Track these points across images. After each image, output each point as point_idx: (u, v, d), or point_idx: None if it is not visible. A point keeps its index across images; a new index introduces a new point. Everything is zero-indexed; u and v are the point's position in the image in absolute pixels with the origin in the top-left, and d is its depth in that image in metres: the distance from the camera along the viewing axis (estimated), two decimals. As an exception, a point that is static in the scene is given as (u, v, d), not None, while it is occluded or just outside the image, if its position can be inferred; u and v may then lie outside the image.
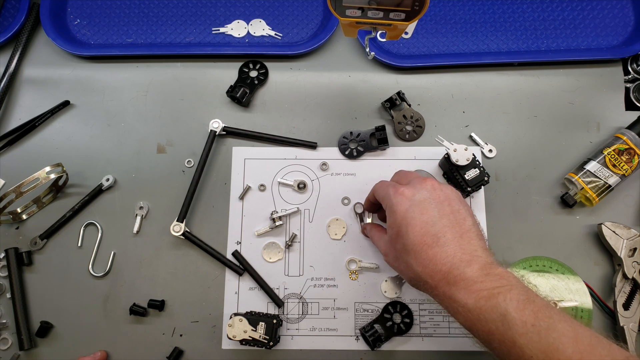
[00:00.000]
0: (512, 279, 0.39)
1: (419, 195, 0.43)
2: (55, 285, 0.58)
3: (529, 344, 0.34)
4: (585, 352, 0.33)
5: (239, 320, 0.52)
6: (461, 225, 0.42)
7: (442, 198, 0.43)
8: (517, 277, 0.40)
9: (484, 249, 0.42)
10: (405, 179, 0.48)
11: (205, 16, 0.67)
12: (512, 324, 0.35)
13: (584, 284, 0.53)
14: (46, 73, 0.65)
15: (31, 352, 0.56)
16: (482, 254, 0.41)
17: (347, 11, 0.43)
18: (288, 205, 0.60)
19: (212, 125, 0.61)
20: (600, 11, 0.66)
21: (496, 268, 0.40)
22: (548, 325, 0.34)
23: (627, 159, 0.58)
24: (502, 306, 0.36)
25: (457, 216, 0.43)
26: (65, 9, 0.67)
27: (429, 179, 0.45)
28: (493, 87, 0.64)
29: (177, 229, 0.57)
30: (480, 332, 0.38)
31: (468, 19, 0.66)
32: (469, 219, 0.43)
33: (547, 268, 0.54)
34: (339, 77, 0.65)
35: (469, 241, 0.41)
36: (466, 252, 0.40)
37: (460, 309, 0.39)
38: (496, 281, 0.38)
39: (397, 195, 0.44)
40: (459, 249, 0.40)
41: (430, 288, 0.42)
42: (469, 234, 0.42)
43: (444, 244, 0.41)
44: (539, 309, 0.36)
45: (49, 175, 0.56)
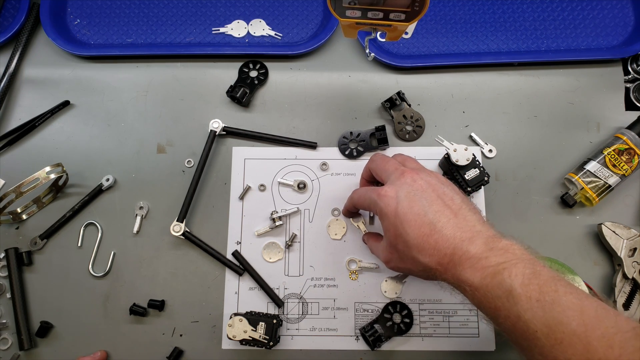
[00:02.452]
0: (517, 251, 0.38)
1: (402, 190, 0.43)
2: (55, 285, 0.58)
3: (534, 318, 0.34)
4: (590, 325, 0.33)
5: (239, 320, 0.52)
6: (451, 206, 0.42)
7: (424, 186, 0.44)
8: (523, 248, 0.39)
9: (481, 223, 0.42)
10: (383, 173, 0.48)
11: (205, 16, 0.67)
12: (517, 299, 0.35)
13: (584, 284, 0.53)
14: (46, 73, 0.65)
15: (31, 352, 0.56)
16: (482, 227, 0.41)
17: (347, 12, 0.43)
18: (288, 205, 0.60)
19: (212, 125, 0.61)
20: (600, 11, 0.66)
21: (499, 241, 0.40)
22: (553, 299, 0.34)
23: (627, 159, 0.58)
24: (507, 282, 0.36)
25: (444, 198, 0.43)
26: (65, 9, 0.67)
27: (406, 171, 0.45)
28: (493, 87, 0.64)
29: (177, 229, 0.57)
30: (487, 308, 0.38)
31: (468, 19, 0.66)
32: (457, 197, 0.43)
33: (547, 268, 0.54)
34: (339, 77, 0.65)
35: (464, 218, 0.42)
36: (465, 230, 0.41)
37: (467, 288, 0.39)
38: (501, 255, 0.38)
39: (381, 199, 0.44)
40: (457, 228, 0.41)
41: (440, 274, 0.42)
42: (462, 212, 0.42)
43: (442, 228, 0.41)
44: (545, 282, 0.35)
45: (49, 175, 0.56)
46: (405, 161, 0.49)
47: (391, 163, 0.48)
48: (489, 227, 0.42)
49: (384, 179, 0.48)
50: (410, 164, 0.49)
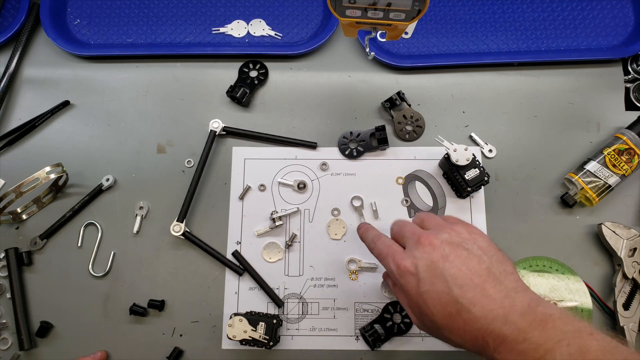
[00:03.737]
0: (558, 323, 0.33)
1: (421, 263, 0.38)
2: (55, 285, 0.58)
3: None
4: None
5: (239, 320, 0.52)
6: (479, 274, 0.37)
7: (446, 252, 0.38)
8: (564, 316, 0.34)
9: (515, 290, 0.36)
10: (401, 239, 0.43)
11: (205, 16, 0.67)
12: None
13: (584, 284, 0.53)
14: (46, 73, 0.65)
15: (31, 352, 0.56)
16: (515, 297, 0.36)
17: (347, 11, 0.43)
18: (288, 205, 0.60)
19: (212, 125, 0.61)
20: (600, 11, 0.66)
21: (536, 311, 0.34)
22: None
23: (627, 159, 0.58)
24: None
25: (470, 265, 0.37)
26: (65, 9, 0.67)
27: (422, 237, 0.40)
28: (493, 87, 0.64)
29: (177, 229, 0.57)
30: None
31: (468, 19, 0.66)
32: (484, 258, 0.38)
33: (547, 268, 0.54)
34: (339, 77, 0.65)
35: (494, 288, 0.36)
36: (497, 305, 0.35)
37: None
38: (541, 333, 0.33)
39: (401, 274, 0.40)
40: (487, 304, 0.35)
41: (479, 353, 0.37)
42: (491, 280, 0.37)
43: (469, 307, 0.36)
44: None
45: (49, 175, 0.56)
46: (424, 221, 0.44)
47: (408, 227, 0.43)
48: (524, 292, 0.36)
49: (403, 244, 0.43)
50: (430, 222, 0.43)
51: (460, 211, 0.59)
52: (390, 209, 0.60)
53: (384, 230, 0.52)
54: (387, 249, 0.43)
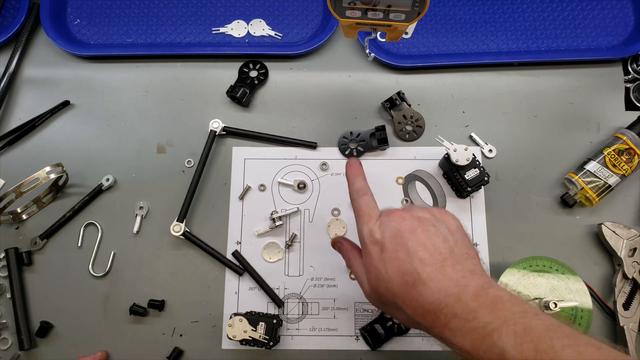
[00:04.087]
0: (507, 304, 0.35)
1: (389, 232, 0.39)
2: (55, 285, 0.58)
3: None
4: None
5: (239, 320, 0.52)
6: (441, 252, 0.38)
7: (413, 226, 0.39)
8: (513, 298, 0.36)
9: (471, 272, 0.38)
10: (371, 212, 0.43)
11: (205, 16, 0.67)
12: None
13: (584, 284, 0.53)
14: (46, 73, 0.65)
15: (31, 352, 0.56)
16: (471, 277, 0.37)
17: (347, 12, 0.43)
18: (288, 205, 0.60)
19: (212, 125, 0.61)
20: (600, 11, 0.66)
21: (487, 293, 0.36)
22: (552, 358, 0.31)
23: (627, 159, 0.58)
24: (498, 345, 0.33)
25: (434, 241, 0.39)
26: (65, 9, 0.67)
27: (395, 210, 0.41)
28: (493, 87, 0.64)
29: (177, 229, 0.57)
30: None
31: (468, 19, 0.66)
32: (450, 238, 0.39)
33: (547, 268, 0.54)
34: (339, 77, 0.65)
35: (453, 267, 0.37)
36: (452, 283, 0.37)
37: (458, 351, 0.36)
38: (489, 313, 0.35)
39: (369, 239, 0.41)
40: (443, 281, 0.37)
41: (427, 330, 0.38)
42: (451, 259, 0.38)
43: (426, 280, 0.37)
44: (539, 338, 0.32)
45: (49, 175, 0.56)
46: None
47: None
48: (480, 275, 0.38)
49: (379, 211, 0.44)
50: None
51: (460, 211, 0.59)
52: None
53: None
54: (366, 210, 0.43)
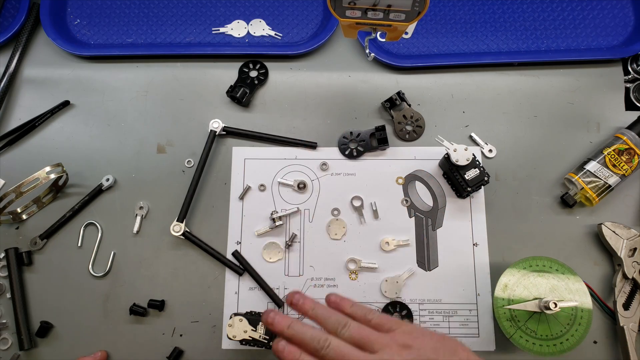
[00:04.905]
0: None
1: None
2: (55, 285, 0.58)
3: None
4: None
5: (239, 320, 0.52)
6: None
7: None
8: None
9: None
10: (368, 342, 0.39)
11: (205, 16, 0.67)
12: None
13: (584, 284, 0.53)
14: (46, 73, 0.65)
15: (31, 352, 0.56)
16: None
17: (347, 12, 0.43)
18: (288, 205, 0.60)
19: (212, 125, 0.61)
20: (600, 11, 0.66)
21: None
22: None
23: (627, 159, 0.58)
24: None
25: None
26: (65, 9, 0.67)
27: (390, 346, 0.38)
28: (493, 87, 0.64)
29: (177, 229, 0.57)
30: None
31: (468, 19, 0.66)
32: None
33: (547, 268, 0.54)
34: (339, 77, 0.65)
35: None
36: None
37: None
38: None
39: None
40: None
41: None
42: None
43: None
44: None
45: (49, 175, 0.56)
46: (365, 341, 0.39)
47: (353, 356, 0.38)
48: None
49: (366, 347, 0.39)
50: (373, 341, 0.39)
51: (460, 211, 0.59)
52: (390, 209, 0.60)
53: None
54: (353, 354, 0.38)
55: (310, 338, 0.40)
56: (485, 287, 0.57)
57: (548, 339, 0.51)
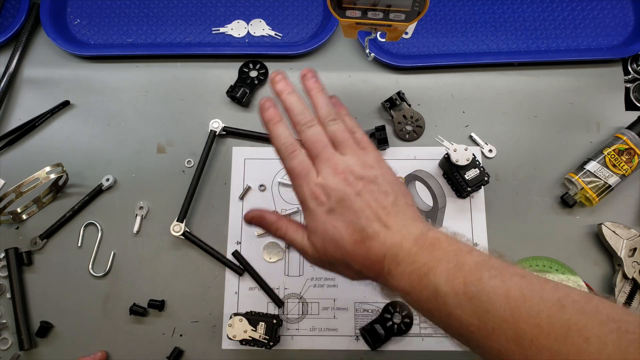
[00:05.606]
0: (443, 244, 0.37)
1: (335, 194, 0.39)
2: (55, 285, 0.58)
3: (464, 313, 0.33)
4: (516, 307, 0.32)
5: (239, 320, 0.52)
6: (384, 207, 0.39)
7: (359, 188, 0.39)
8: (449, 239, 0.37)
9: (412, 219, 0.39)
10: (315, 154, 0.41)
11: (205, 16, 0.67)
12: (445, 298, 0.34)
13: (584, 284, 0.53)
14: (46, 73, 0.65)
15: (31, 352, 0.56)
16: (412, 225, 0.39)
17: (347, 12, 0.43)
18: (288, 205, 0.60)
19: (212, 125, 0.61)
20: (600, 11, 0.66)
21: (426, 236, 0.38)
22: (478, 289, 0.33)
23: (627, 159, 0.58)
24: (432, 282, 0.35)
25: (378, 198, 0.39)
26: (65, 9, 0.67)
27: (338, 164, 0.40)
28: (493, 87, 0.64)
29: (177, 229, 0.57)
30: (422, 311, 0.37)
31: (468, 19, 0.66)
32: (390, 191, 0.40)
33: (547, 268, 0.54)
34: (339, 77, 0.65)
35: (395, 218, 0.39)
36: (395, 234, 0.38)
37: (400, 294, 0.38)
38: (427, 254, 0.36)
39: (312, 200, 0.40)
40: (389, 232, 0.38)
41: (371, 279, 0.40)
42: (394, 211, 0.39)
43: (373, 235, 0.38)
44: (469, 272, 0.34)
45: (49, 175, 0.56)
46: (338, 143, 0.42)
47: (322, 146, 0.41)
48: (420, 222, 0.39)
49: (314, 161, 0.41)
50: (344, 146, 0.41)
51: (460, 211, 0.59)
52: (390, 209, 0.60)
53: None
54: (302, 169, 0.41)
55: (299, 111, 0.44)
56: (485, 287, 0.57)
57: (548, 339, 0.51)
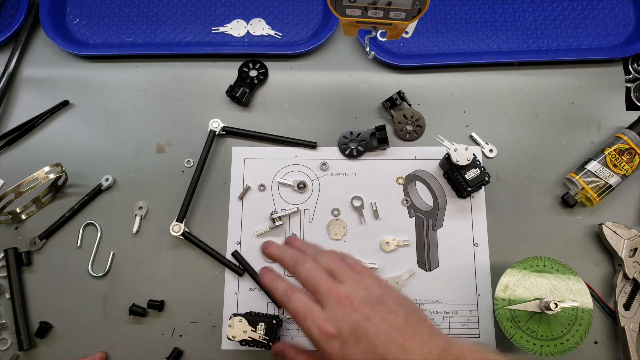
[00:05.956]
0: (469, 358, 0.37)
1: (345, 325, 0.38)
2: (55, 286, 0.58)
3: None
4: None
5: (238, 321, 0.52)
6: (397, 327, 0.38)
7: (367, 312, 0.39)
8: (472, 349, 0.37)
9: (430, 335, 0.39)
10: (315, 292, 0.41)
11: (205, 16, 0.67)
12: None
13: (584, 284, 0.52)
14: (46, 73, 0.65)
15: (30, 353, 0.56)
16: (431, 343, 0.38)
17: (347, 10, 0.43)
18: (288, 205, 0.60)
19: (212, 125, 0.61)
20: (601, 11, 0.66)
21: (449, 352, 0.37)
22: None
23: (628, 159, 0.57)
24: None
25: (389, 320, 0.39)
26: (65, 9, 0.67)
27: (342, 298, 0.39)
28: (493, 86, 0.64)
29: (176, 229, 0.57)
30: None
31: (468, 19, 0.66)
32: (400, 310, 0.40)
33: (547, 268, 0.54)
34: (339, 77, 0.64)
35: (412, 337, 0.38)
36: (417, 354, 0.37)
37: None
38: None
39: (325, 340, 0.39)
40: (409, 355, 0.37)
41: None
42: (408, 330, 0.38)
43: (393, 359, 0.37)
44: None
45: (48, 175, 0.55)
46: (335, 272, 0.42)
47: (322, 281, 0.41)
48: (438, 337, 0.39)
49: (317, 298, 0.41)
50: (341, 274, 0.42)
51: (460, 211, 0.59)
52: (391, 209, 0.59)
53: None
54: (305, 308, 0.41)
55: (290, 255, 0.44)
56: (485, 288, 0.57)
57: (549, 339, 0.51)
